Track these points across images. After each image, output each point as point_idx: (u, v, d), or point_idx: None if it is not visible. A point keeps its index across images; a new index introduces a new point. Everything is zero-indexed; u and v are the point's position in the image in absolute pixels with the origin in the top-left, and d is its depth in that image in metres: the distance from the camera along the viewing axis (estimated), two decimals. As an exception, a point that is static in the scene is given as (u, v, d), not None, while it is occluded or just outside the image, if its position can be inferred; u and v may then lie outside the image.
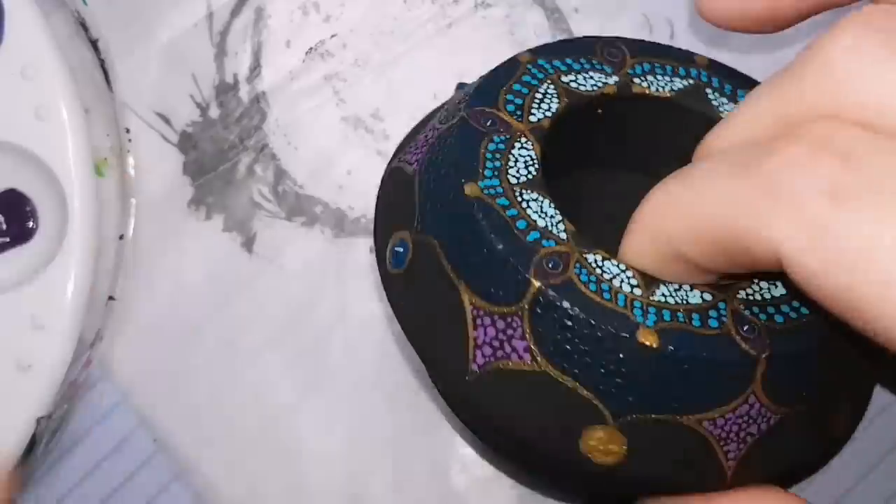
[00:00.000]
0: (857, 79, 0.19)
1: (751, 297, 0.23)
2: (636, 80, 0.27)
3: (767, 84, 0.21)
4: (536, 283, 0.22)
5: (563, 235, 0.23)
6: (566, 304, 0.22)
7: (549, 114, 0.26)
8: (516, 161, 0.25)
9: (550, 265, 0.23)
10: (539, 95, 0.26)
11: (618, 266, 0.23)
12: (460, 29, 0.35)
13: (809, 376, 0.23)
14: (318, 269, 0.33)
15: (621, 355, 0.22)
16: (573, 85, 0.27)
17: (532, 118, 0.26)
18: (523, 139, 0.25)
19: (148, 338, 0.33)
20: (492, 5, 0.36)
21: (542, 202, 0.24)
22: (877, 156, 0.18)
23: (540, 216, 0.24)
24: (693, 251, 0.21)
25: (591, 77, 0.27)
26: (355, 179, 0.34)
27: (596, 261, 0.23)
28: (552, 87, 0.26)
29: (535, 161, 0.25)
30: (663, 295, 0.22)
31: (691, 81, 0.27)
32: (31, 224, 0.31)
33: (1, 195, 0.31)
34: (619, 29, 0.36)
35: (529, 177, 0.24)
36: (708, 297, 0.23)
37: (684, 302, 0.22)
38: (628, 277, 0.23)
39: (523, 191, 0.24)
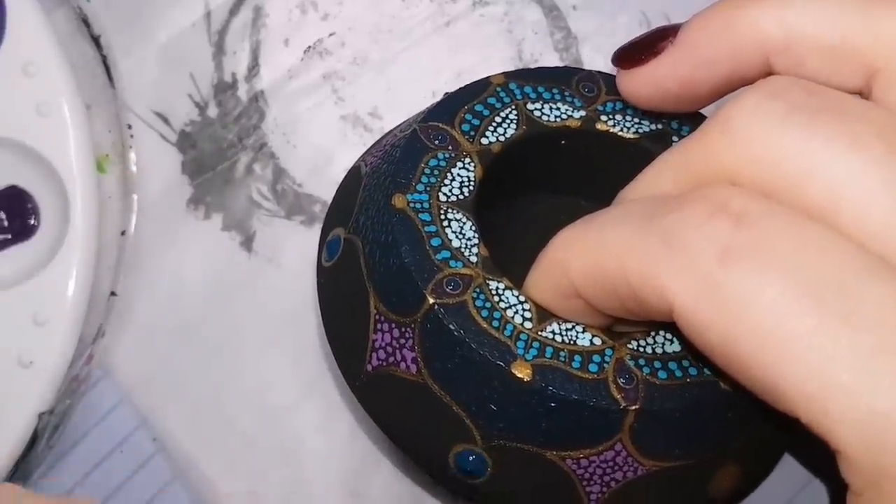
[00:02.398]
0: (755, 140, 0.20)
1: (641, 350, 0.23)
2: (603, 118, 0.27)
3: (679, 143, 0.22)
4: (430, 300, 0.23)
5: (474, 259, 0.24)
6: (452, 326, 0.23)
7: (502, 138, 0.26)
8: (453, 180, 0.25)
9: (450, 286, 0.23)
10: (499, 119, 0.27)
11: (517, 297, 0.23)
12: (458, 27, 0.36)
13: (685, 435, 0.23)
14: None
15: (496, 383, 0.23)
16: (536, 114, 0.27)
17: (484, 140, 0.26)
18: (467, 160, 0.26)
19: (147, 337, 0.33)
20: (490, 3, 0.36)
21: (464, 224, 0.25)
22: (767, 219, 0.19)
23: (458, 237, 0.24)
24: (588, 290, 0.22)
25: (558, 108, 0.27)
26: (354, 178, 0.34)
27: (497, 289, 0.23)
28: (514, 112, 0.27)
29: (472, 182, 0.25)
30: (553, 332, 0.23)
31: (660, 126, 0.27)
32: (32, 221, 0.31)
33: (2, 192, 0.31)
34: (617, 27, 0.36)
35: (461, 197, 0.25)
36: (598, 341, 0.23)
37: (571, 342, 0.23)
38: (524, 310, 0.23)
39: (450, 210, 0.25)
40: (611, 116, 0.27)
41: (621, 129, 0.27)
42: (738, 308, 0.19)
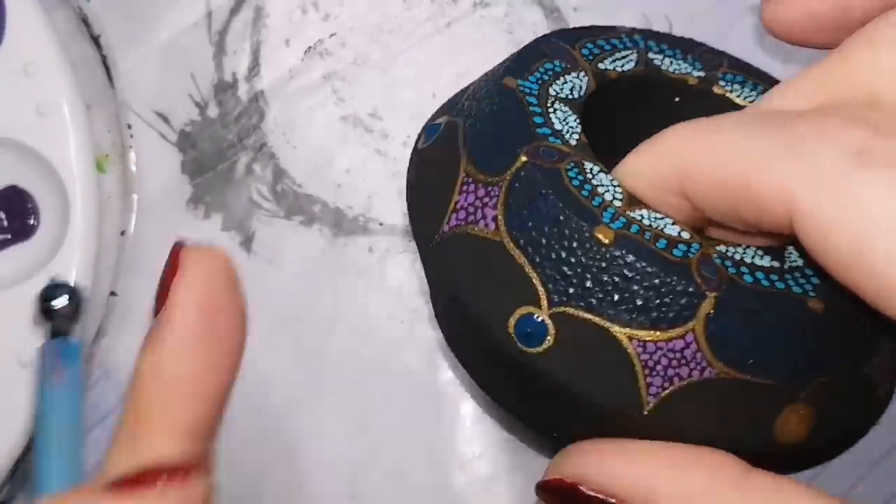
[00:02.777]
0: None
1: (730, 254, 0.22)
2: (721, 83, 0.27)
3: (817, 62, 0.21)
4: (524, 158, 0.23)
5: (574, 142, 0.24)
6: (541, 183, 0.22)
7: (620, 70, 0.27)
8: (565, 83, 0.25)
9: (546, 154, 0.23)
10: (619, 56, 0.27)
11: (611, 181, 0.23)
12: (459, 28, 0.35)
13: (762, 345, 0.22)
14: (316, 269, 0.33)
15: (575, 245, 0.22)
16: (656, 62, 0.27)
17: (601, 66, 0.26)
18: (581, 73, 0.26)
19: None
20: (490, 4, 0.36)
21: (568, 115, 0.25)
22: None
23: (560, 123, 0.24)
24: (697, 189, 0.21)
25: (679, 64, 0.27)
26: (354, 178, 0.34)
27: (592, 169, 0.23)
28: (636, 55, 0.27)
29: (583, 89, 0.25)
30: (641, 216, 0.22)
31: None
32: (32, 221, 0.31)
33: (2, 192, 0.31)
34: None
35: (569, 97, 0.25)
36: (686, 234, 0.22)
37: (659, 229, 0.22)
38: (616, 191, 0.23)
39: (556, 102, 0.25)
40: (729, 83, 0.27)
41: (738, 96, 0.27)
42: (868, 214, 0.18)
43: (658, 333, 0.21)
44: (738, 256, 0.22)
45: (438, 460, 0.32)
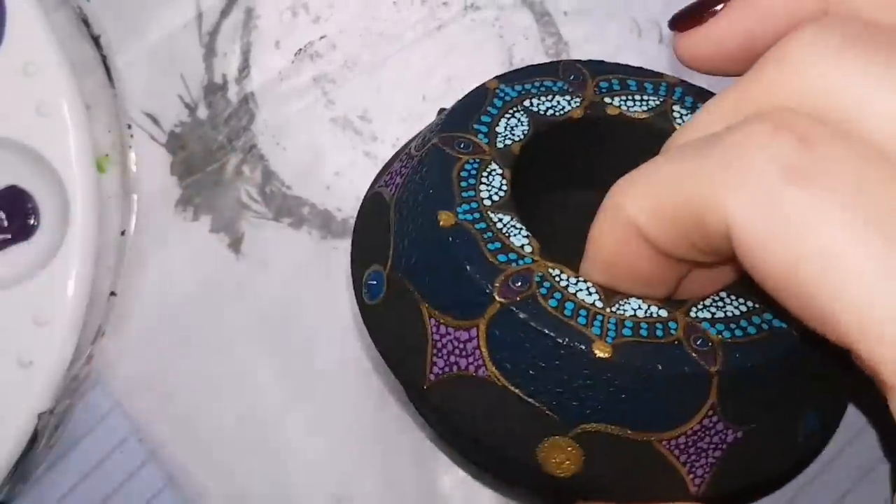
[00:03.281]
0: (811, 70, 0.20)
1: (704, 315, 0.23)
2: (606, 100, 0.27)
3: (731, 85, 0.22)
4: (499, 300, 0.23)
5: (529, 249, 0.24)
6: (527, 319, 0.23)
7: (517, 139, 0.27)
8: (489, 185, 0.25)
9: (517, 283, 0.23)
10: (506, 121, 0.27)
11: (579, 279, 0.24)
12: (449, 31, 0.36)
13: (768, 389, 0.23)
14: (305, 271, 0.33)
15: (578, 368, 0.22)
16: (537, 109, 0.27)
17: (499, 144, 0.26)
18: (493, 165, 0.26)
19: (137, 340, 0.33)
20: (481, 8, 0.36)
21: (511, 222, 0.25)
22: (830, 143, 0.19)
23: (512, 236, 0.24)
24: (652, 228, 0.21)
25: (556, 102, 0.27)
26: (343, 181, 0.34)
27: (559, 275, 0.24)
28: (518, 112, 0.27)
29: (506, 183, 0.25)
30: (621, 308, 0.23)
31: (660, 101, 0.28)
32: (32, 221, 0.31)
33: (2, 192, 0.31)
34: (608, 33, 0.36)
35: (501, 198, 0.25)
36: (664, 312, 0.23)
37: (642, 315, 0.23)
38: (589, 290, 0.23)
39: (495, 212, 0.25)
40: (610, 97, 0.27)
41: (627, 109, 0.27)
42: (800, 230, 0.18)
43: (682, 427, 0.22)
44: (709, 314, 0.23)
45: (425, 462, 0.32)
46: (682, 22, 0.25)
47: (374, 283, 0.26)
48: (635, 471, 0.23)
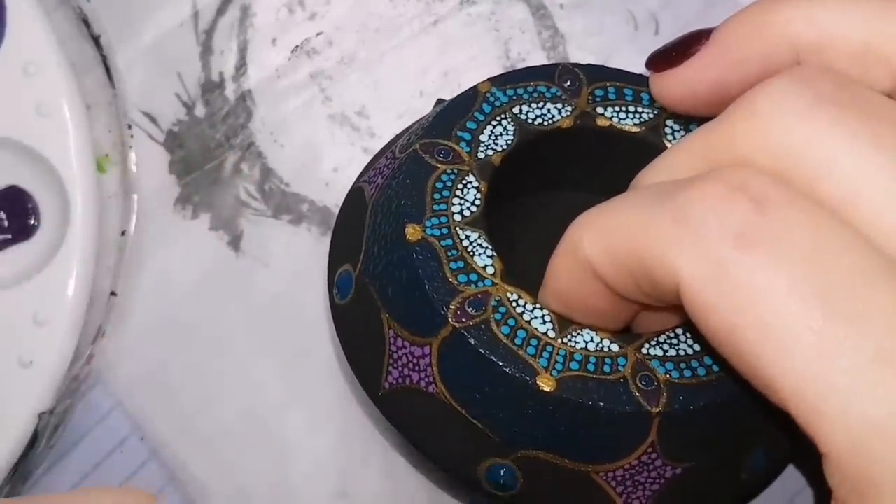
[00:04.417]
0: (778, 126, 0.20)
1: (655, 352, 0.23)
2: (598, 111, 0.27)
3: (701, 128, 0.22)
4: (453, 324, 0.23)
5: (491, 271, 0.24)
6: (476, 345, 0.23)
7: (500, 149, 0.26)
8: (462, 199, 0.25)
9: (472, 308, 0.24)
10: (491, 130, 0.27)
11: (536, 307, 0.24)
12: (446, 26, 0.36)
13: (710, 431, 0.23)
14: (304, 267, 0.33)
15: (521, 398, 0.23)
16: (526, 118, 0.27)
17: (481, 154, 0.26)
18: (470, 176, 0.26)
19: (137, 339, 0.33)
20: (477, 2, 0.36)
21: (479, 241, 0.25)
22: (786, 207, 0.19)
23: (477, 256, 0.24)
24: (604, 269, 0.22)
25: (547, 109, 0.27)
26: (341, 177, 0.34)
27: (517, 301, 0.24)
28: (506, 119, 0.27)
29: (479, 198, 0.26)
30: (572, 340, 0.23)
31: (653, 114, 0.28)
32: (32, 221, 0.31)
33: (2, 192, 0.31)
34: (604, 25, 0.36)
35: (472, 214, 0.25)
36: (615, 347, 0.23)
37: (592, 349, 0.23)
38: (545, 319, 0.24)
39: (464, 229, 0.25)
40: (603, 107, 0.27)
41: (618, 121, 0.27)
42: (745, 296, 0.18)
43: (620, 462, 0.23)
44: (660, 351, 0.23)
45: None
46: (657, 63, 0.25)
47: (345, 282, 0.26)
48: (574, 496, 0.23)
